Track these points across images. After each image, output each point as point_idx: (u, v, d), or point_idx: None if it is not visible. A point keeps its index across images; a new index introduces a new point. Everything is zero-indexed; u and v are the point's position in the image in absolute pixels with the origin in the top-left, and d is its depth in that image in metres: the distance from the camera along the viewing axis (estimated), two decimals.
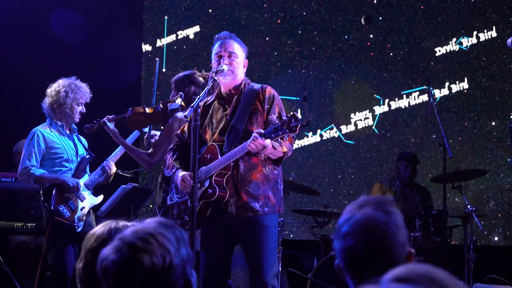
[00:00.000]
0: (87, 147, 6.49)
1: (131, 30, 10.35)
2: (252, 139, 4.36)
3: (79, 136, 6.46)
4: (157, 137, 5.92)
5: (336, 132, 10.40)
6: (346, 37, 10.60)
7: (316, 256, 7.80)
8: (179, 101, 5.55)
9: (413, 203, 8.17)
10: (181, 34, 10.74)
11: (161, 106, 5.61)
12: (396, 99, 10.38)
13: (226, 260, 4.86)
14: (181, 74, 5.77)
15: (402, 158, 8.46)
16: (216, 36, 4.97)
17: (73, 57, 9.71)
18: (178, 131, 5.11)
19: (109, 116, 5.84)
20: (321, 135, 10.43)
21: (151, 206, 9.71)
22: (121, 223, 2.58)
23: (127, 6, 10.56)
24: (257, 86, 4.84)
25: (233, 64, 4.79)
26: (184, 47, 10.73)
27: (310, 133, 10.43)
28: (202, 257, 4.80)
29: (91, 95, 6.36)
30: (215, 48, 4.88)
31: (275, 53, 10.60)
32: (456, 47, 10.37)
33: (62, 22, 9.66)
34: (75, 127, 6.38)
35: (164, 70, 10.58)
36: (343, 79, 10.52)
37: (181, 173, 4.82)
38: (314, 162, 10.43)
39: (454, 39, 10.38)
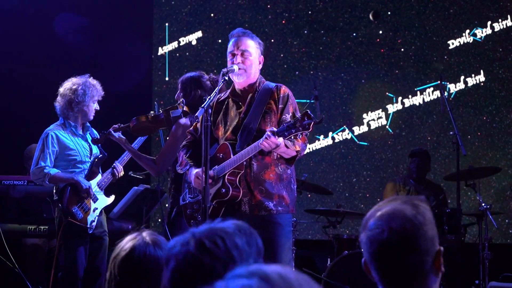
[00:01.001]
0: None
1: (135, 32, 10.46)
2: (265, 137, 4.45)
3: (93, 131, 6.62)
4: None
5: (348, 133, 10.42)
6: (354, 34, 10.62)
7: (329, 256, 7.90)
8: (180, 107, 5.70)
9: (427, 202, 8.07)
10: (183, 40, 10.79)
11: (163, 114, 5.77)
12: (410, 96, 10.38)
13: None
14: (188, 75, 5.88)
15: (411, 155, 8.65)
16: (230, 33, 5.06)
17: (77, 59, 9.85)
18: (191, 128, 5.22)
19: (115, 126, 6.03)
20: (333, 138, 10.45)
21: (159, 219, 9.68)
22: (148, 236, 2.70)
23: (133, 8, 10.68)
24: (272, 85, 4.95)
25: (246, 62, 4.89)
26: (187, 54, 10.78)
27: (322, 136, 10.44)
28: None
29: (103, 93, 6.56)
30: (229, 46, 4.99)
31: (281, 55, 10.63)
32: (470, 39, 10.37)
33: (66, 25, 9.81)
34: (89, 125, 6.57)
35: (167, 78, 10.67)
36: (353, 78, 10.54)
37: (194, 170, 4.91)
38: (327, 166, 10.44)
39: (468, 31, 10.38)
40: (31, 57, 9.78)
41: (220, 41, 10.61)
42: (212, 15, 10.78)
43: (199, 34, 10.76)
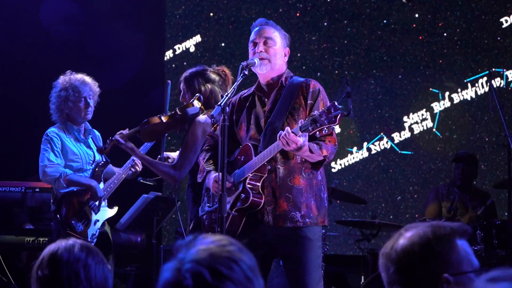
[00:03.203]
0: (102, 144, 6.76)
1: (129, 20, 10.11)
2: (284, 133, 4.49)
3: (95, 134, 6.80)
4: (171, 160, 6.19)
5: (387, 142, 10.02)
6: (385, 21, 10.22)
7: (363, 273, 8.03)
8: (197, 103, 5.64)
9: (473, 212, 8.07)
10: (179, 48, 10.51)
11: (179, 112, 5.68)
12: (459, 90, 9.93)
13: (263, 277, 4.99)
14: (191, 70, 5.86)
15: (455, 160, 8.52)
16: (252, 25, 5.14)
17: (66, 51, 9.69)
18: (211, 130, 5.33)
19: (122, 132, 5.96)
20: (369, 149, 10.05)
21: (174, 216, 9.47)
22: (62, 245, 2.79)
23: None
24: (300, 79, 5.02)
25: (270, 51, 4.95)
26: (185, 63, 10.43)
27: (355, 148, 10.05)
28: None
29: (98, 90, 6.69)
30: (251, 36, 5.08)
31: (298, 55, 10.20)
32: None
33: (54, 13, 9.68)
34: (90, 127, 6.72)
35: None
36: (388, 75, 10.15)
37: (213, 174, 4.98)
38: (364, 184, 10.04)
39: None
40: (15, 49, 9.63)
41: (223, 44, 10.37)
42: (211, 14, 10.50)
43: (197, 38, 10.50)
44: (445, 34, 10.00)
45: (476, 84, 9.81)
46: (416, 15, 10.06)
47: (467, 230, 2.39)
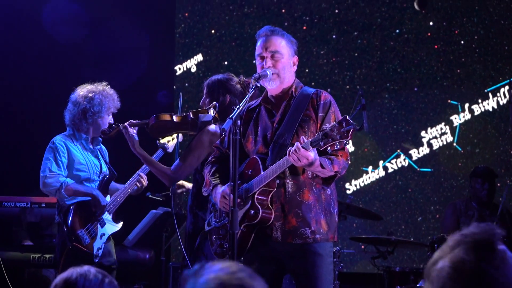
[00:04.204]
0: (108, 160, 6.92)
1: (133, 19, 10.06)
2: (293, 150, 4.49)
3: (102, 147, 6.89)
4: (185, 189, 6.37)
5: (404, 159, 9.88)
6: (397, 31, 10.11)
7: None
8: (212, 112, 5.70)
9: None
10: (180, 68, 10.37)
11: (191, 116, 5.77)
12: (480, 100, 9.80)
13: None
14: (215, 77, 5.94)
15: (476, 175, 8.43)
16: (257, 33, 5.13)
17: (69, 53, 9.76)
18: (218, 141, 5.34)
19: (132, 121, 6.06)
20: (385, 168, 9.92)
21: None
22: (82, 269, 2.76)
23: None
24: (311, 90, 5.03)
25: (278, 65, 4.94)
26: (186, 84, 10.37)
27: (370, 167, 9.91)
28: None
29: (119, 105, 6.79)
30: (257, 47, 5.08)
31: (306, 70, 10.11)
32: None
33: (56, 14, 9.66)
34: (100, 138, 6.77)
35: None
36: (402, 88, 10.05)
37: (220, 189, 5.00)
38: (382, 205, 9.88)
39: None
40: (19, 57, 9.65)
41: (226, 63, 10.26)
42: (213, 31, 10.42)
43: (199, 57, 10.43)
44: (462, 42, 9.88)
45: (498, 94, 9.66)
46: (431, 23, 9.96)
47: (497, 233, 2.20)
